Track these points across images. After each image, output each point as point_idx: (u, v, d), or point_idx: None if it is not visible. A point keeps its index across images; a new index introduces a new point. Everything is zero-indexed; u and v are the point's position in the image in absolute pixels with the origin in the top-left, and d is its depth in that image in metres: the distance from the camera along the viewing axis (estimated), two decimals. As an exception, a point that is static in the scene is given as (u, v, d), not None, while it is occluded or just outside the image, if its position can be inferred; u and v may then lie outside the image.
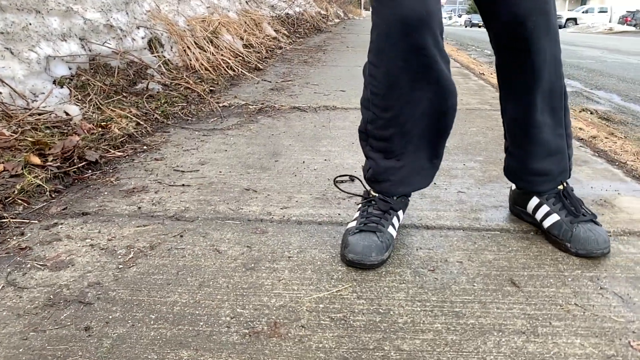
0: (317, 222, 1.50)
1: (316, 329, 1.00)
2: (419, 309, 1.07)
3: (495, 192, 1.71)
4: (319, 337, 0.98)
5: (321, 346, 0.96)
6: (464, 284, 1.16)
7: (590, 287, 1.15)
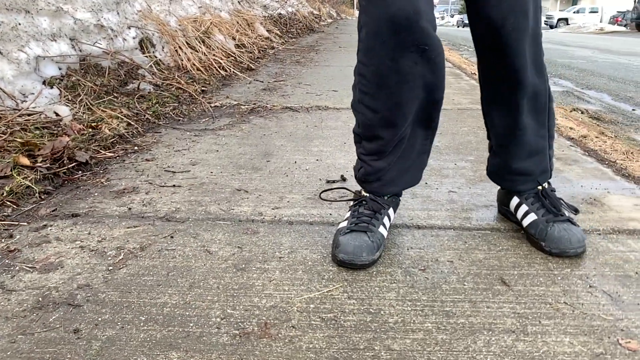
0: (309, 222, 1.50)
1: (307, 330, 1.00)
2: (410, 308, 1.07)
3: (486, 192, 1.72)
4: (310, 337, 0.98)
5: (311, 346, 0.95)
6: (455, 283, 1.17)
7: (579, 285, 1.16)
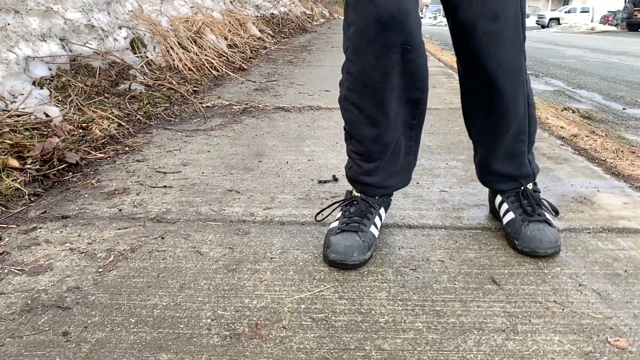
0: (300, 222, 1.49)
1: (297, 330, 1.00)
2: (401, 308, 1.08)
3: (477, 191, 1.72)
4: (300, 337, 0.98)
5: (302, 347, 0.95)
6: (445, 283, 1.17)
7: (569, 284, 1.16)
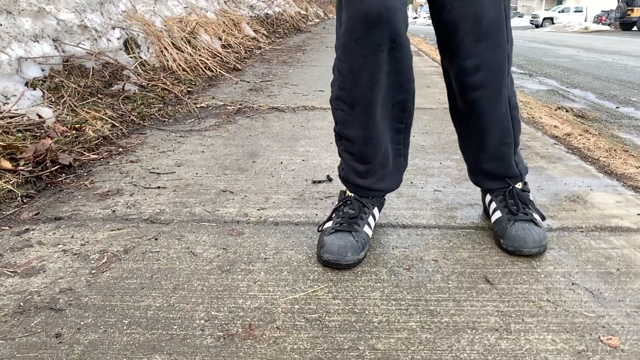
0: (294, 222, 1.49)
1: (291, 330, 1.00)
2: (394, 308, 1.08)
3: (470, 191, 1.72)
4: (294, 338, 0.98)
5: (296, 347, 0.95)
6: (439, 282, 1.17)
7: (562, 283, 1.17)
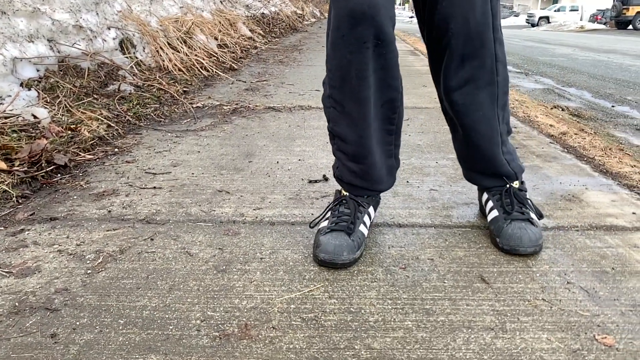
0: (290, 222, 1.49)
1: (287, 330, 1.00)
2: (390, 307, 1.08)
3: (466, 190, 1.73)
4: (290, 337, 0.98)
5: (292, 347, 0.95)
6: (435, 281, 1.17)
7: (557, 282, 1.17)
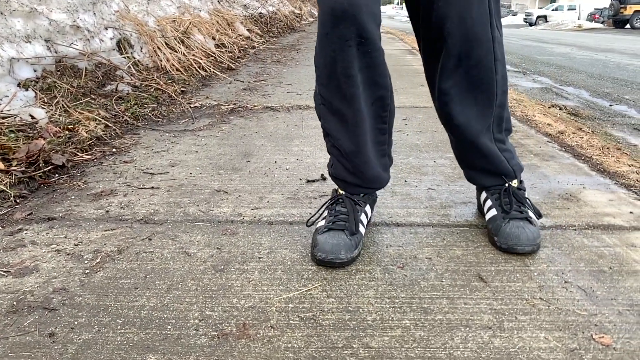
0: (288, 222, 1.49)
1: (285, 329, 1.00)
2: (388, 306, 1.08)
3: (464, 189, 1.73)
4: (288, 337, 0.98)
5: (290, 346, 0.95)
6: (433, 280, 1.18)
7: (555, 281, 1.17)
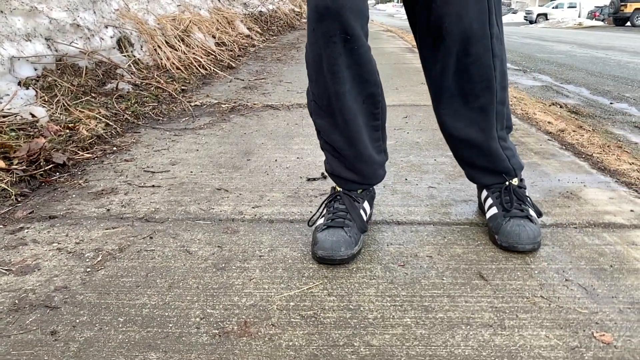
0: (289, 220, 1.50)
1: (286, 327, 1.01)
2: (389, 304, 1.08)
3: (465, 187, 1.73)
4: (289, 335, 0.98)
5: (291, 344, 0.96)
6: (434, 278, 1.18)
7: (555, 279, 1.17)
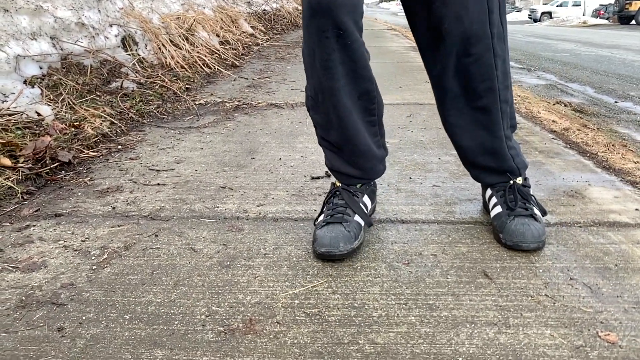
0: (293, 218, 1.50)
1: (291, 325, 1.01)
2: (394, 302, 1.08)
3: (469, 186, 1.73)
4: (294, 332, 0.99)
5: (296, 342, 0.96)
6: (438, 277, 1.18)
7: (560, 278, 1.17)
